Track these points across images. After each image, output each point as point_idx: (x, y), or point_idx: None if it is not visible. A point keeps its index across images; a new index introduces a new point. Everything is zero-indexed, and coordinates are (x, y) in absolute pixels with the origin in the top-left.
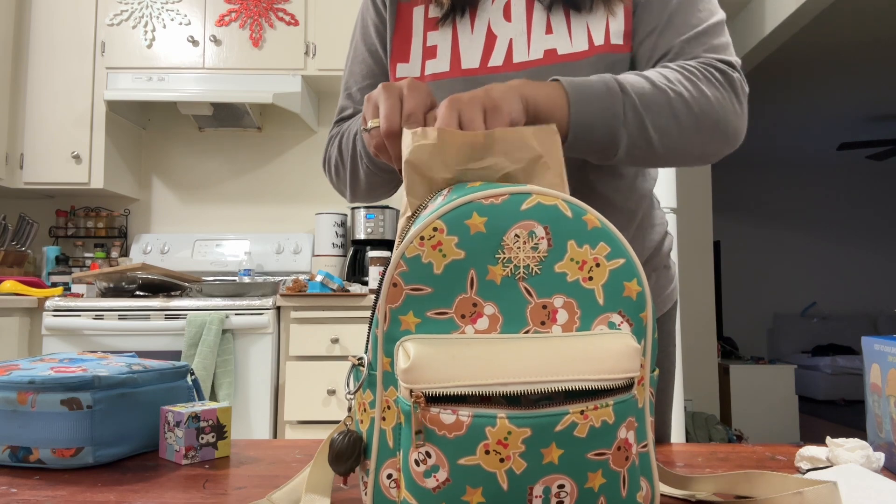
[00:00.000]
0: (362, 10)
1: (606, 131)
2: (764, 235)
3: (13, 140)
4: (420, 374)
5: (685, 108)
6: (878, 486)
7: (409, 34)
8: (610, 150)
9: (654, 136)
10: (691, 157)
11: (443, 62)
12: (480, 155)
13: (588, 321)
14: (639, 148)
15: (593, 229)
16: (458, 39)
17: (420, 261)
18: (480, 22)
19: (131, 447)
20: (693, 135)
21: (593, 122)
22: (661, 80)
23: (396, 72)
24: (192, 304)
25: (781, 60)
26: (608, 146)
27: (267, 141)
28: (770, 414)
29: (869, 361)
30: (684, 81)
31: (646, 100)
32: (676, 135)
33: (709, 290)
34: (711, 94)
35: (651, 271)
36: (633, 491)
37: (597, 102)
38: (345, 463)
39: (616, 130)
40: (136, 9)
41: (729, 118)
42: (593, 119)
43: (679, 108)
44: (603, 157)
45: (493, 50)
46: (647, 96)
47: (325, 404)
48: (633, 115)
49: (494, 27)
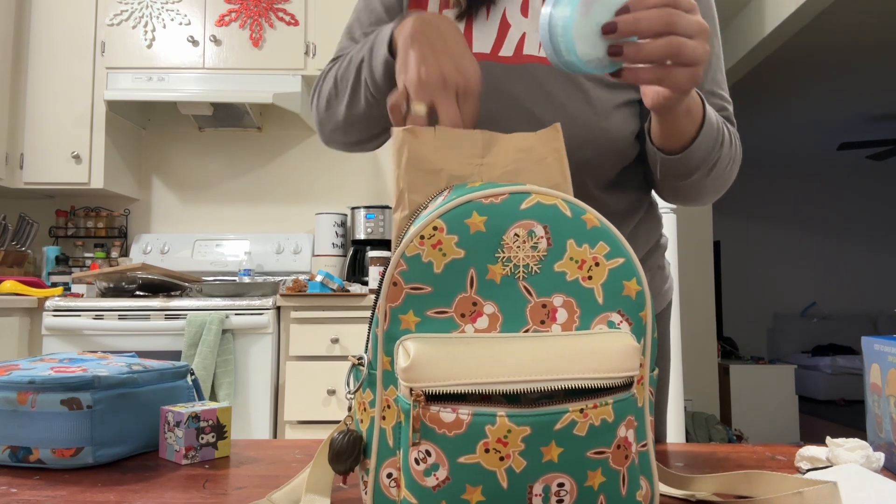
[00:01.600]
0: None
1: (696, 166)
2: (764, 235)
3: (13, 140)
4: (420, 372)
5: (729, 172)
6: (878, 486)
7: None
8: (681, 178)
9: (706, 184)
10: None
11: None
12: (481, 152)
13: (587, 320)
14: (694, 184)
15: (592, 228)
16: (473, 26)
17: (420, 260)
18: (496, 10)
19: (131, 447)
20: (715, 191)
21: (698, 155)
22: (728, 142)
23: None
24: (192, 304)
25: (781, 60)
26: (684, 174)
27: (267, 141)
28: (770, 414)
29: (869, 361)
30: (735, 148)
31: (724, 158)
32: (712, 187)
33: (709, 290)
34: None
35: (646, 271)
36: (633, 490)
37: (710, 142)
38: (345, 462)
39: (701, 168)
40: (136, 9)
41: (733, 179)
42: (700, 153)
43: (727, 172)
44: (670, 178)
45: (506, 39)
46: (724, 154)
47: (325, 404)
48: (714, 164)
49: (509, 17)
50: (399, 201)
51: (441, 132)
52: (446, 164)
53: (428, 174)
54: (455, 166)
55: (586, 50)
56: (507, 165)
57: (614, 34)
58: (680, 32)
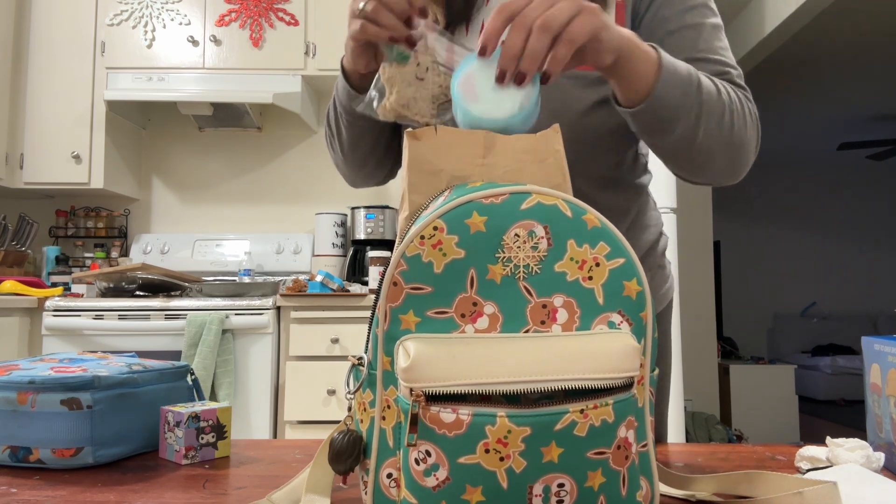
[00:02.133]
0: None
1: (672, 115)
2: (764, 235)
3: (13, 140)
4: (420, 372)
5: (730, 127)
6: (878, 486)
7: None
8: (665, 133)
9: (700, 138)
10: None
11: None
12: (482, 152)
13: (588, 320)
14: (685, 140)
15: (593, 229)
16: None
17: (420, 260)
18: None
19: (131, 447)
20: (724, 151)
21: (668, 103)
22: (724, 94)
23: None
24: (192, 304)
25: (781, 60)
26: (665, 129)
27: (267, 141)
28: (770, 414)
29: (869, 361)
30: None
31: (710, 105)
32: (714, 144)
33: (709, 290)
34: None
35: (646, 270)
36: (633, 490)
37: (679, 82)
38: (344, 462)
39: (679, 118)
40: (136, 9)
41: (751, 150)
42: (669, 100)
43: (726, 124)
44: (652, 136)
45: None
46: (712, 102)
47: (325, 404)
48: (696, 112)
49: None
50: (402, 202)
51: (442, 131)
52: (447, 165)
53: (428, 175)
54: (456, 167)
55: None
56: (508, 166)
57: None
58: (533, 23)
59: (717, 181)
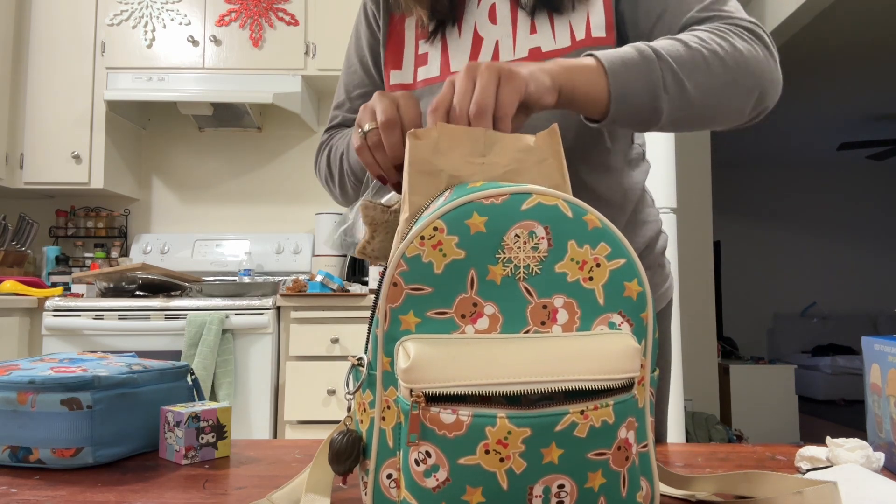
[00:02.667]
0: (356, 23)
1: (648, 98)
2: (764, 235)
3: (13, 140)
4: (420, 373)
5: (720, 63)
6: (878, 486)
7: (401, 43)
8: (654, 116)
9: (694, 95)
10: (733, 113)
11: (434, 68)
12: (482, 151)
13: (588, 321)
14: (681, 110)
15: (594, 229)
16: (448, 45)
17: (420, 260)
18: (467, 26)
19: (131, 447)
20: (731, 89)
21: (633, 92)
22: (693, 41)
23: (391, 79)
24: (192, 304)
25: (781, 60)
26: (652, 113)
27: (267, 141)
28: (770, 414)
29: (869, 361)
30: (716, 38)
31: (681, 60)
32: (716, 91)
33: (709, 290)
34: (743, 48)
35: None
36: (633, 491)
37: (635, 71)
38: (344, 462)
39: (657, 96)
40: (136, 9)
41: (763, 69)
42: (633, 88)
43: (714, 64)
44: (647, 125)
45: (480, 52)
46: (682, 57)
47: (325, 404)
48: (672, 78)
49: (480, 30)
50: (402, 203)
51: (443, 129)
52: (446, 165)
53: (428, 175)
54: (456, 166)
55: None
56: (508, 165)
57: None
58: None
59: (756, 111)
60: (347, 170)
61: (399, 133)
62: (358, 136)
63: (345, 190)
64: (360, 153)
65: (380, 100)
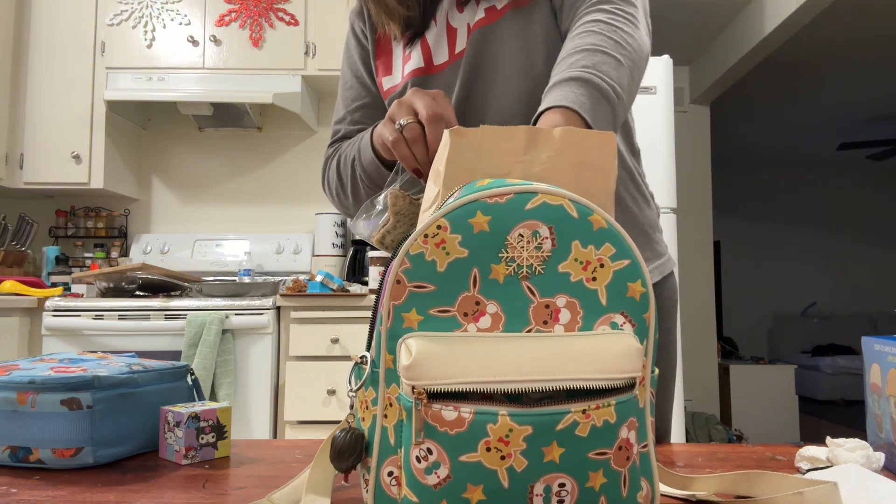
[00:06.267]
0: (346, 43)
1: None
2: (764, 235)
3: (13, 140)
4: (422, 370)
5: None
6: (878, 486)
7: (389, 52)
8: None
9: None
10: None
11: (417, 61)
12: (524, 149)
13: (590, 321)
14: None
15: (599, 230)
16: (428, 41)
17: (423, 258)
18: (440, 19)
19: (131, 447)
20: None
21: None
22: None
23: (384, 85)
24: (192, 304)
25: (781, 60)
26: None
27: (267, 141)
28: (770, 414)
29: (869, 361)
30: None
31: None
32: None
33: (709, 290)
34: (639, 38)
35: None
36: (634, 491)
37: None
38: (346, 460)
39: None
40: (136, 9)
41: (645, 50)
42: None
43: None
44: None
45: (456, 42)
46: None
47: (324, 404)
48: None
49: (452, 21)
50: (433, 202)
51: (486, 130)
52: (482, 164)
53: (464, 172)
54: (492, 165)
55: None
56: (546, 163)
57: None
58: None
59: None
60: (361, 173)
61: (444, 127)
62: (393, 130)
63: (357, 196)
64: (396, 146)
65: (419, 96)
